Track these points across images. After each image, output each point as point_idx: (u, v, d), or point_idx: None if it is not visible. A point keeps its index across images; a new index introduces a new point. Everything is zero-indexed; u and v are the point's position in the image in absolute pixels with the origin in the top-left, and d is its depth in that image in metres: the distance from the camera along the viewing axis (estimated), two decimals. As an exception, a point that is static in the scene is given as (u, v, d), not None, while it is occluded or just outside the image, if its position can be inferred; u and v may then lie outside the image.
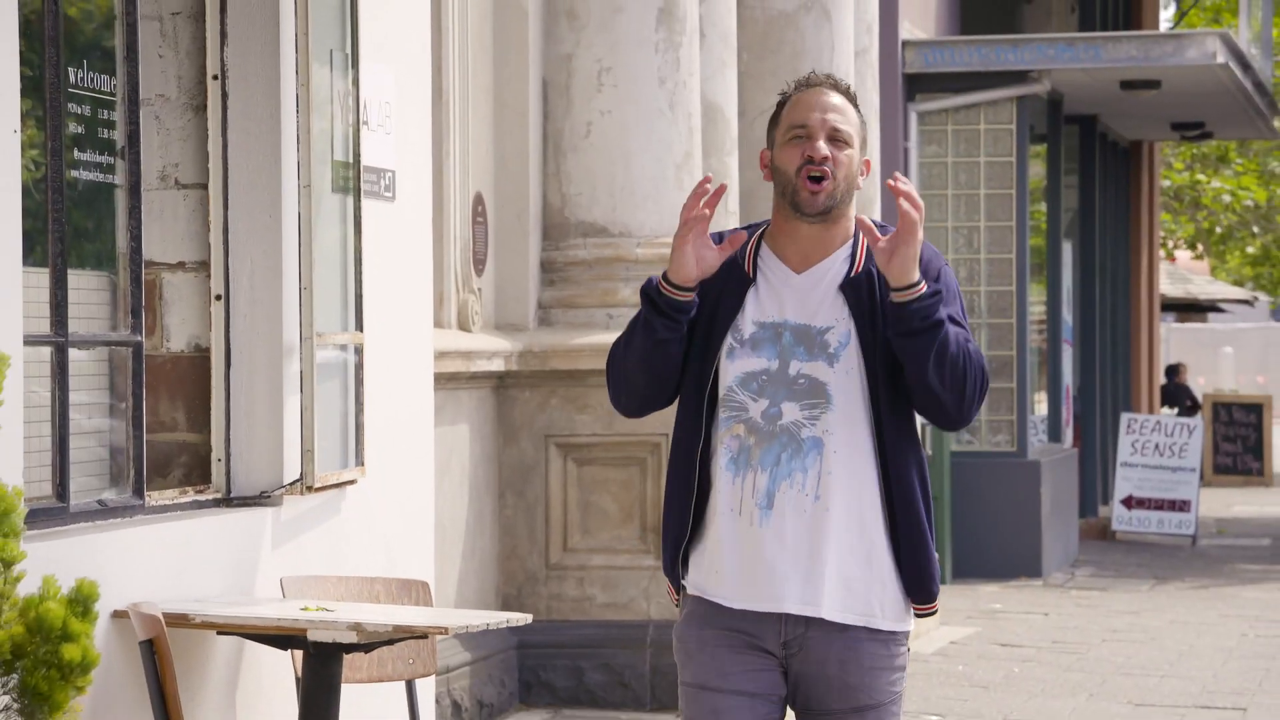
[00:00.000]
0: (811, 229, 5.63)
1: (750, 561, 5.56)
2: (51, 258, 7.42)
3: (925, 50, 19.42)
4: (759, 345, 5.60)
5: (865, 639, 5.59)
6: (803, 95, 5.66)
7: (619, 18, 12.08)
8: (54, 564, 5.81)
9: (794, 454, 5.55)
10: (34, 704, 5.23)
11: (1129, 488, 23.14)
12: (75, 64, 7.79)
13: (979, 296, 19.61)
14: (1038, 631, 16.10)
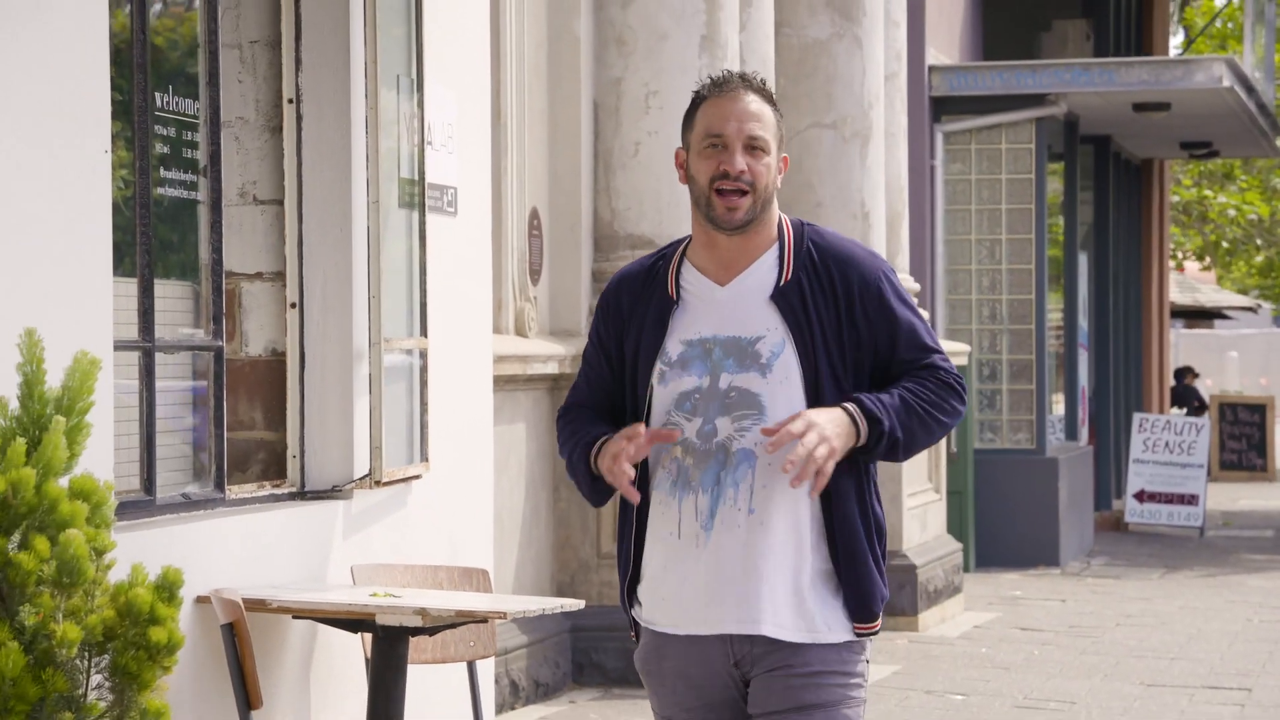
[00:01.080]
0: (732, 240, 5.16)
1: (692, 585, 5.13)
2: (139, 268, 7.44)
3: (950, 75, 19.40)
4: (688, 364, 5.14)
5: (813, 648, 5.13)
6: (718, 101, 5.13)
7: (665, 44, 12.09)
8: (142, 553, 5.82)
9: (729, 469, 5.09)
10: (124, 682, 5.24)
11: (1141, 483, 23.08)
12: (161, 89, 7.81)
13: (1001, 304, 19.60)
14: (1055, 617, 16.07)
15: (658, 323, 5.17)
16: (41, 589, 5.17)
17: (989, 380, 19.64)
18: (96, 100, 6.78)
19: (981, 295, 19.71)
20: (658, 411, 5.17)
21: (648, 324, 5.19)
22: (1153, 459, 23.07)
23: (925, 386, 5.14)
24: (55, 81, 6.54)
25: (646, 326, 5.19)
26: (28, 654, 5.10)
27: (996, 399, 19.69)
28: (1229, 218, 39.99)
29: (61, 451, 5.29)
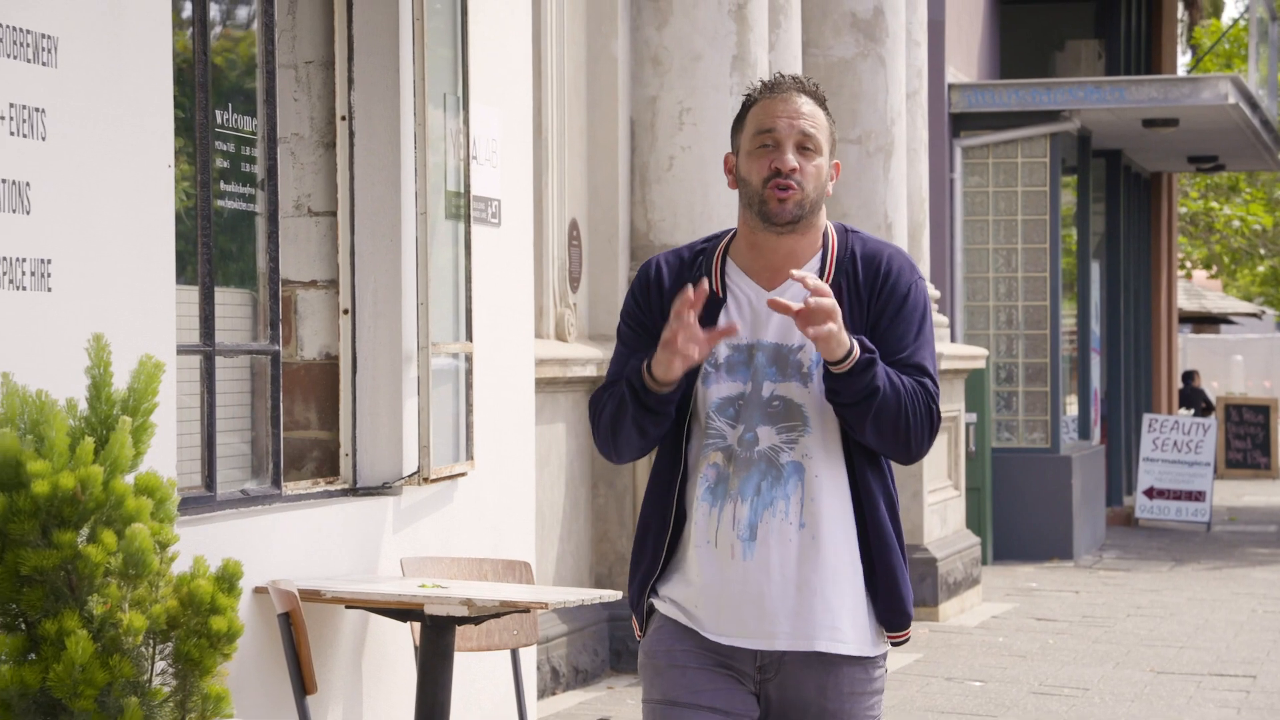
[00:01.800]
0: (780, 241, 4.82)
1: (733, 596, 4.77)
2: (200, 277, 7.46)
3: (969, 92, 19.40)
4: (733, 369, 4.80)
5: (843, 664, 4.82)
6: (770, 101, 4.82)
7: (698, 64, 12.09)
8: (203, 546, 5.84)
9: (774, 481, 4.76)
10: (186, 668, 5.25)
11: (1150, 480, 23.06)
12: (221, 106, 7.83)
13: (1017, 310, 19.59)
14: (1069, 607, 16.05)
15: (706, 319, 4.77)
16: (109, 580, 5.18)
17: (1006, 383, 19.62)
18: (160, 117, 6.80)
19: (998, 302, 19.69)
20: (700, 412, 4.84)
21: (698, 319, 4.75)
22: (1162, 457, 23.05)
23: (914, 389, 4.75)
24: (123, 100, 6.56)
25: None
26: (96, 641, 5.11)
27: (1013, 400, 19.67)
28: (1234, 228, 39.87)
29: (127, 450, 5.31)
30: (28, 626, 5.18)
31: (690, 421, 4.86)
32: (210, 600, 5.27)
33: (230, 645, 5.30)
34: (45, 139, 6.15)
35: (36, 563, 5.13)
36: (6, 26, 5.98)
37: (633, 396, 4.76)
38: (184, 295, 7.24)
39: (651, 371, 4.71)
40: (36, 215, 6.10)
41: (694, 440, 4.87)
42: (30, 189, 6.08)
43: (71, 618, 5.12)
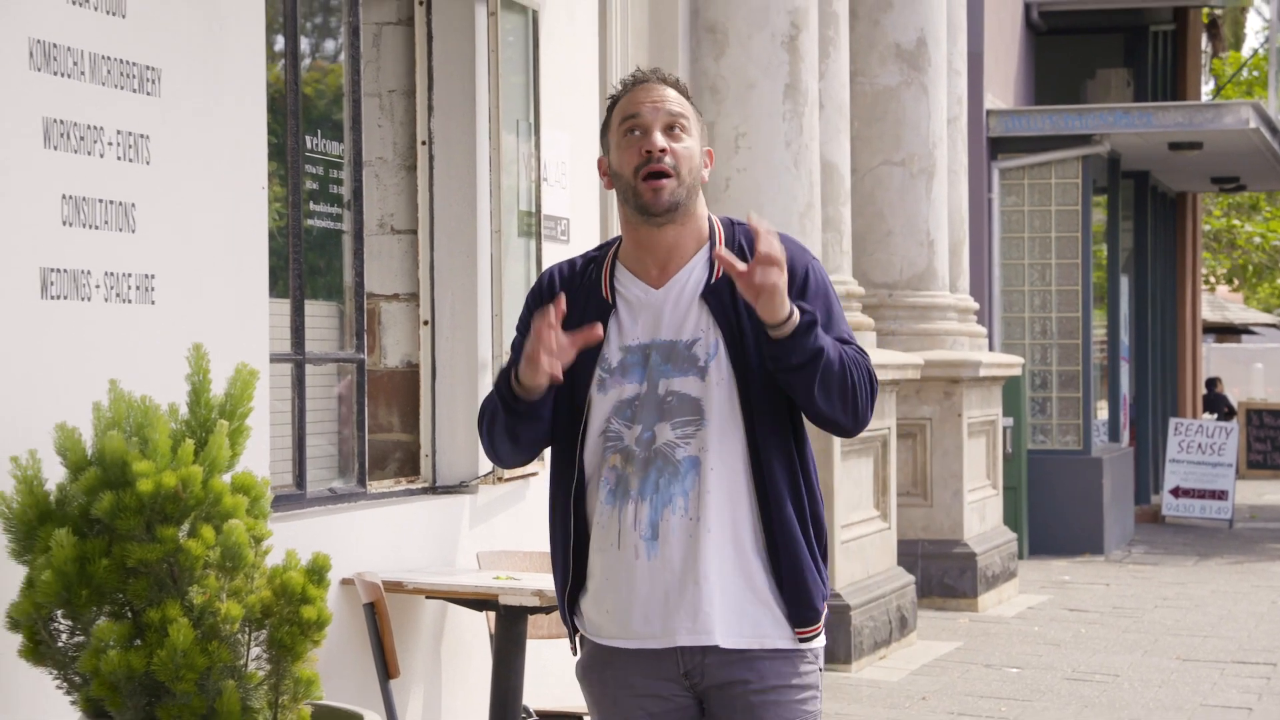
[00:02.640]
0: (663, 234, 4.41)
1: (640, 597, 4.41)
2: (292, 290, 7.49)
3: (1005, 118, 19.35)
4: (628, 370, 4.41)
5: (765, 658, 4.44)
6: (632, 92, 4.46)
7: (753, 92, 12.08)
8: (294, 540, 5.86)
9: (672, 477, 4.38)
10: (279, 654, 5.27)
11: (1176, 479, 22.96)
12: (311, 133, 7.86)
13: (1051, 321, 19.54)
14: (1100, 599, 16.00)
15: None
16: (208, 572, 5.20)
17: (1040, 389, 19.57)
18: (255, 143, 6.84)
19: (1033, 313, 19.64)
20: (596, 418, 4.44)
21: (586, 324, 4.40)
22: (1187, 459, 22.95)
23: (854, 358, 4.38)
24: (220, 127, 6.60)
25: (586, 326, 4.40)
26: (196, 629, 5.13)
27: (1047, 405, 19.61)
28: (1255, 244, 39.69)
29: (225, 451, 5.33)
30: (133, 615, 5.21)
31: (585, 429, 4.46)
32: (301, 591, 5.29)
33: (320, 633, 5.32)
34: (149, 163, 6.18)
35: (141, 556, 5.16)
36: (115, 59, 6.02)
37: (503, 404, 4.43)
38: (276, 308, 7.27)
39: (519, 379, 4.36)
40: (141, 234, 6.14)
41: (589, 447, 4.46)
42: (135, 210, 6.11)
43: (174, 607, 5.15)
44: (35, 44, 5.69)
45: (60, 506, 5.28)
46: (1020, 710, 10.80)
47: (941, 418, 15.01)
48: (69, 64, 5.83)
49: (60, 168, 5.79)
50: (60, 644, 5.26)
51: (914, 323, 14.92)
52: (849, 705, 10.76)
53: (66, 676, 5.29)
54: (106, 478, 5.21)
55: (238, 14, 6.72)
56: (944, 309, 15.18)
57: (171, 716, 5.16)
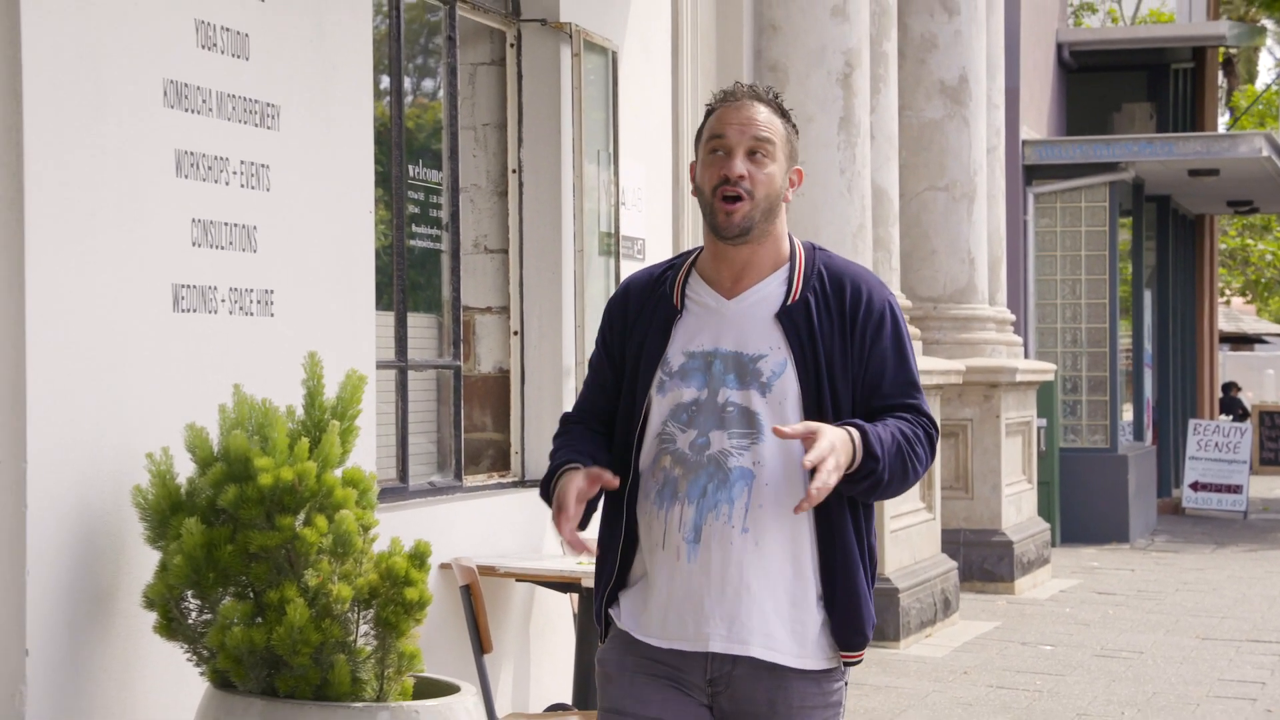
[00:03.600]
0: (738, 251, 4.08)
1: (676, 598, 4.05)
2: (396, 304, 7.52)
3: (1040, 147, 19.28)
4: (688, 375, 4.06)
5: (794, 678, 4.05)
6: (725, 109, 4.08)
7: (810, 125, 12.06)
8: (398, 528, 5.88)
9: (720, 484, 4.01)
10: (385, 631, 5.28)
11: (1195, 475, 22.82)
12: (413, 162, 7.88)
13: (1080, 331, 19.48)
14: (1126, 583, 15.91)
15: (661, 330, 4.12)
16: (321, 557, 5.22)
17: (1071, 392, 19.49)
18: (363, 171, 6.86)
19: (1065, 324, 19.56)
20: (654, 421, 4.11)
21: (651, 331, 4.13)
22: (1205, 456, 22.81)
23: (915, 435, 4.09)
24: (332, 157, 6.62)
25: (650, 334, 4.13)
26: (311, 608, 5.15)
27: (1077, 408, 19.53)
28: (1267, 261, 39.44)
29: (336, 448, 5.35)
30: (255, 595, 5.23)
31: (642, 430, 4.13)
32: (404, 574, 5.30)
33: (421, 612, 5.33)
34: (269, 190, 6.21)
35: (262, 542, 5.18)
36: (239, 97, 6.05)
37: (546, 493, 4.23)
38: (382, 319, 7.30)
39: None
40: (261, 253, 6.17)
41: (645, 448, 4.13)
42: (257, 232, 6.14)
43: (291, 588, 5.17)
44: (169, 84, 5.73)
45: (190, 498, 5.31)
46: (1053, 684, 10.74)
47: (981, 419, 14.96)
48: (198, 101, 5.86)
49: (190, 194, 5.83)
50: (190, 621, 5.29)
51: (956, 333, 14.89)
52: (898, 679, 10.73)
53: (196, 650, 5.32)
54: (231, 472, 5.24)
55: (348, 56, 6.75)
56: (983, 320, 15.14)
57: (289, 687, 5.18)
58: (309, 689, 5.17)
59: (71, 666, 5.30)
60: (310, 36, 6.48)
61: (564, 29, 8.51)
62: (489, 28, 8.56)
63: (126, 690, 5.50)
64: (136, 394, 5.57)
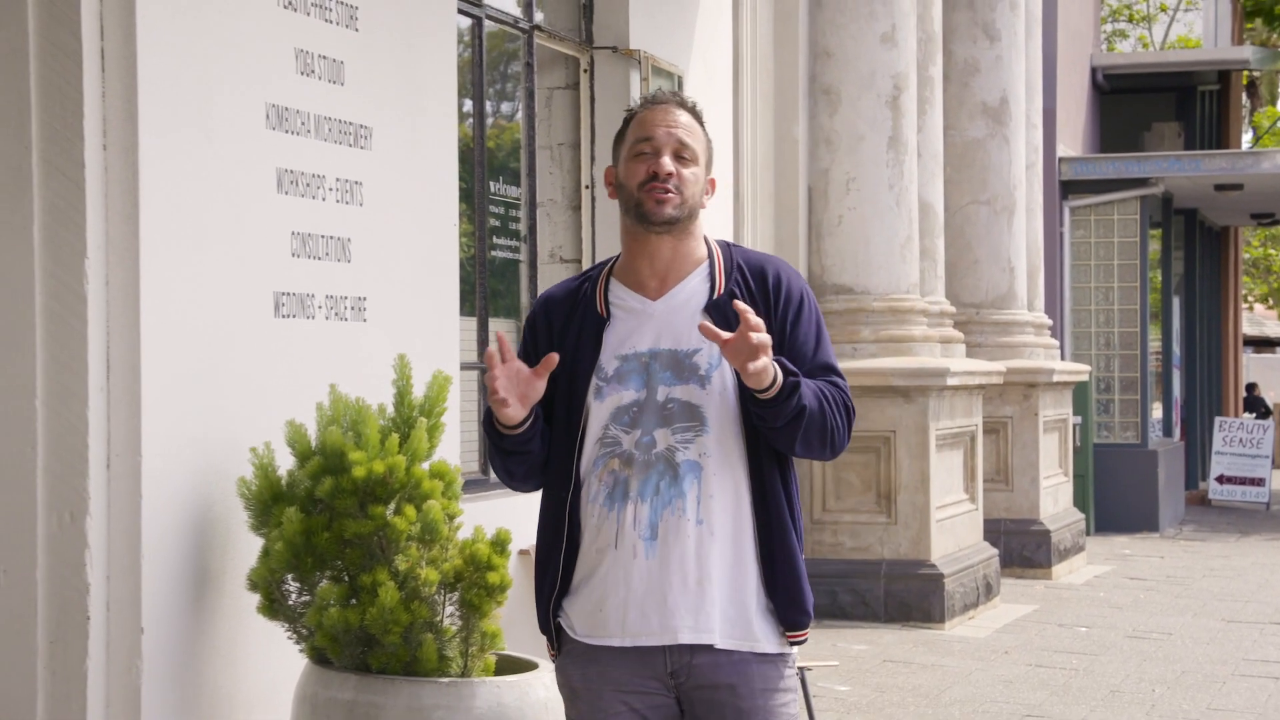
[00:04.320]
0: (661, 246, 3.88)
1: (637, 595, 3.82)
2: (478, 310, 7.53)
3: (1075, 164, 19.18)
4: (625, 378, 3.86)
5: (753, 661, 3.86)
6: (649, 112, 3.92)
7: (861, 144, 12.04)
8: (480, 517, 5.89)
9: (672, 480, 3.81)
10: (469, 612, 5.28)
11: (1220, 469, 22.65)
12: (494, 179, 7.90)
13: (1113, 335, 19.38)
14: (1156, 569, 15.80)
15: (591, 340, 3.91)
16: (410, 544, 5.23)
17: (1104, 392, 19.38)
18: (447, 187, 6.88)
19: (1098, 328, 19.46)
20: (594, 427, 3.89)
21: (581, 343, 3.92)
22: (1229, 451, 22.65)
23: (837, 399, 3.89)
24: (419, 175, 6.64)
25: (580, 345, 3.91)
26: (401, 591, 5.16)
27: (1110, 406, 19.42)
28: (1287, 269, 39.22)
29: (424, 444, 5.36)
30: (350, 579, 5.24)
31: (583, 436, 3.91)
32: (486, 559, 5.30)
33: (502, 594, 5.33)
34: (362, 205, 6.23)
35: (356, 530, 5.20)
36: (334, 119, 6.07)
37: (492, 443, 3.96)
38: (465, 324, 7.31)
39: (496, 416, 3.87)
40: (355, 263, 6.19)
41: (586, 453, 3.90)
42: (351, 244, 6.16)
43: (382, 572, 5.18)
44: (271, 107, 5.76)
45: (290, 489, 5.33)
46: (1088, 662, 10.68)
47: (1020, 416, 14.90)
48: (298, 124, 5.89)
49: (290, 209, 5.85)
50: (290, 603, 5.31)
51: (997, 336, 14.85)
52: (944, 658, 10.68)
53: (295, 629, 5.34)
54: (327, 465, 5.25)
55: (434, 82, 6.77)
56: (1023, 325, 15.09)
57: (381, 663, 5.19)
58: (399, 665, 5.18)
59: (183, 643, 5.33)
60: (400, 63, 6.50)
61: (633, 55, 8.51)
62: (564, 54, 8.57)
63: (233, 665, 5.53)
64: (241, 393, 5.59)
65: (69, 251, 5.09)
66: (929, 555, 11.78)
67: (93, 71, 5.10)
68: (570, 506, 3.91)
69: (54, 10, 5.07)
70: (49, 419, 5.10)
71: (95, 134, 5.11)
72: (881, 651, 10.81)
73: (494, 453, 3.99)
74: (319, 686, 5.22)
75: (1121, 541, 18.13)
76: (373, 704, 5.12)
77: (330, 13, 6.06)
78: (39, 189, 5.09)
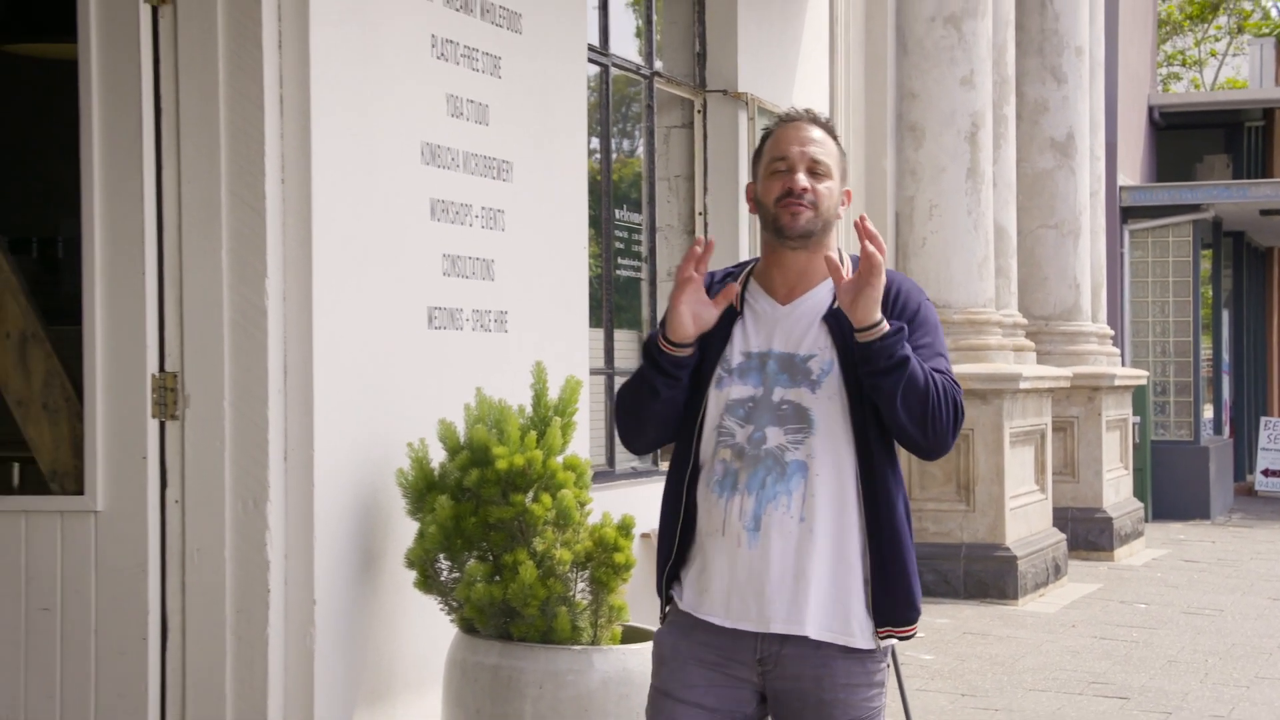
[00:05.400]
0: (795, 258, 3.65)
1: (739, 583, 3.60)
2: (605, 322, 7.54)
3: (1134, 192, 18.97)
4: (745, 374, 3.63)
5: (839, 656, 3.60)
6: (784, 130, 3.69)
7: (943, 175, 11.95)
8: (608, 504, 5.90)
9: (779, 477, 3.58)
10: (598, 588, 5.28)
11: (1265, 463, 22.26)
12: (618, 206, 7.91)
13: (1169, 344, 19.17)
14: (1208, 552, 15.55)
15: (722, 332, 3.67)
16: (546, 528, 5.24)
17: (1160, 395, 19.15)
18: (578, 215, 6.89)
19: (1155, 338, 19.23)
20: (712, 413, 3.67)
21: (714, 332, 3.66)
22: (1273, 447, 22.25)
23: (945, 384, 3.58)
24: (553, 203, 6.66)
25: (713, 334, 3.67)
26: (538, 569, 5.17)
27: (1166, 407, 19.18)
28: (1326, 285, 38.52)
29: (558, 439, 5.37)
30: (494, 558, 5.26)
31: (701, 422, 3.69)
32: (613, 542, 5.30)
33: (627, 572, 5.33)
34: (504, 231, 6.26)
35: (499, 515, 5.21)
36: (480, 156, 6.10)
37: (650, 362, 3.64)
38: (594, 335, 7.32)
39: (666, 333, 3.60)
40: (498, 282, 6.21)
41: (704, 439, 3.68)
42: (494, 265, 6.19)
43: (522, 553, 5.19)
44: (425, 145, 5.79)
45: (441, 479, 5.35)
46: (1147, 636, 10.53)
47: (1085, 416, 14.74)
48: (449, 159, 5.92)
49: (441, 235, 5.88)
50: (442, 579, 5.33)
51: (1065, 345, 14.70)
52: (1017, 631, 10.58)
53: (446, 602, 5.36)
54: (474, 458, 5.27)
55: (566, 122, 6.78)
56: (1087, 335, 14.93)
57: (521, 632, 5.20)
58: (537, 634, 5.19)
59: (350, 613, 5.36)
60: (537, 106, 6.52)
61: (741, 98, 8.49)
62: (680, 97, 8.56)
63: (393, 633, 5.56)
64: (399, 395, 5.63)
65: (252, 272, 5.14)
66: (1004, 539, 11.68)
67: (273, 116, 5.15)
68: (687, 486, 3.70)
69: (240, 63, 5.13)
70: (235, 418, 5.15)
71: (275, 170, 5.16)
72: (961, 624, 10.71)
73: (646, 377, 3.66)
74: (467, 652, 5.24)
75: (1176, 528, 17.87)
76: (514, 668, 5.13)
77: (477, 63, 6.09)
78: (226, 218, 5.15)
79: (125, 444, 5.16)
